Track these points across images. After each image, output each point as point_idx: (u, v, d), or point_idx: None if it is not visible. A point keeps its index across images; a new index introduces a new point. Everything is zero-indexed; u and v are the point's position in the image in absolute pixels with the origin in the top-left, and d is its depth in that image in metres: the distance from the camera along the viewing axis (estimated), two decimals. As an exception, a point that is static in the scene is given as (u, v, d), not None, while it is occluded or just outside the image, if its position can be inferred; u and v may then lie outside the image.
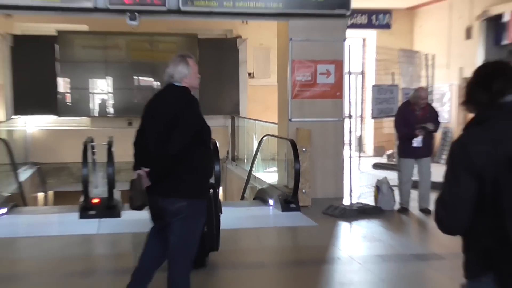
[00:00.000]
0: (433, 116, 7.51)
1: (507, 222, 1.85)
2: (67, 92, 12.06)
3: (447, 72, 12.21)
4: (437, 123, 7.47)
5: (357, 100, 13.13)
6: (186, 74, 3.89)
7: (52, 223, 7.18)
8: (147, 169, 3.91)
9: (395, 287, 4.89)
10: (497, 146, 1.95)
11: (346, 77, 8.42)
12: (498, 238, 1.90)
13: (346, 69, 8.43)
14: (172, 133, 3.75)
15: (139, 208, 4.11)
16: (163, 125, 3.80)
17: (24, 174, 10.83)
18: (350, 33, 8.96)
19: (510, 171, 1.87)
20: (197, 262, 4.15)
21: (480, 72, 2.21)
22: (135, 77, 12.35)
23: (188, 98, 3.90)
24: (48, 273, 5.17)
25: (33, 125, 12.58)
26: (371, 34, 14.09)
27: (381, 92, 10.21)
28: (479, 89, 2.15)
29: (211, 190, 4.40)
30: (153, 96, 4.08)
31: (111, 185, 7.17)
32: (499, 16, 10.83)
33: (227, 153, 12.61)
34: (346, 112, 8.54)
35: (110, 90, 12.25)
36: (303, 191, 7.77)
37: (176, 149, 3.74)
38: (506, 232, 1.85)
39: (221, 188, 10.48)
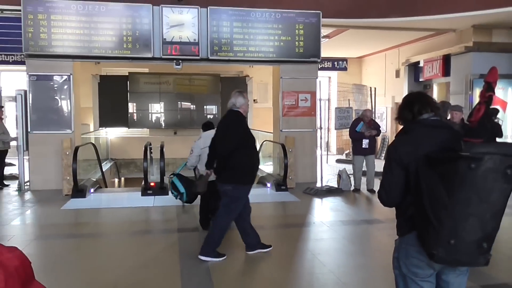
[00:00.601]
0: (376, 127, 7.50)
1: (423, 198, 1.84)
2: (134, 112, 12.04)
3: (384, 99, 12.16)
4: (378, 131, 7.48)
5: (325, 117, 13.08)
6: (243, 103, 4.01)
7: (123, 198, 7.19)
8: (212, 169, 4.06)
9: (352, 241, 4.86)
10: (417, 148, 1.95)
11: (318, 102, 8.40)
12: (417, 209, 1.90)
13: (318, 97, 8.40)
14: (223, 141, 3.87)
15: (198, 193, 4.34)
16: (222, 135, 3.92)
17: (105, 166, 10.84)
18: (320, 73, 8.93)
19: (425, 164, 1.86)
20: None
21: (406, 99, 2.22)
22: (179, 103, 12.29)
23: (237, 118, 3.99)
24: (120, 232, 5.19)
25: (112, 133, 12.58)
26: (334, 74, 14.01)
27: (341, 112, 10.11)
28: (405, 110, 2.16)
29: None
30: (222, 117, 4.23)
31: (162, 174, 7.17)
32: (417, 63, 10.89)
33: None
34: (318, 125, 8.54)
35: (162, 111, 12.20)
36: (290, 177, 7.74)
37: (225, 151, 3.86)
38: (422, 205, 1.84)
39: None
